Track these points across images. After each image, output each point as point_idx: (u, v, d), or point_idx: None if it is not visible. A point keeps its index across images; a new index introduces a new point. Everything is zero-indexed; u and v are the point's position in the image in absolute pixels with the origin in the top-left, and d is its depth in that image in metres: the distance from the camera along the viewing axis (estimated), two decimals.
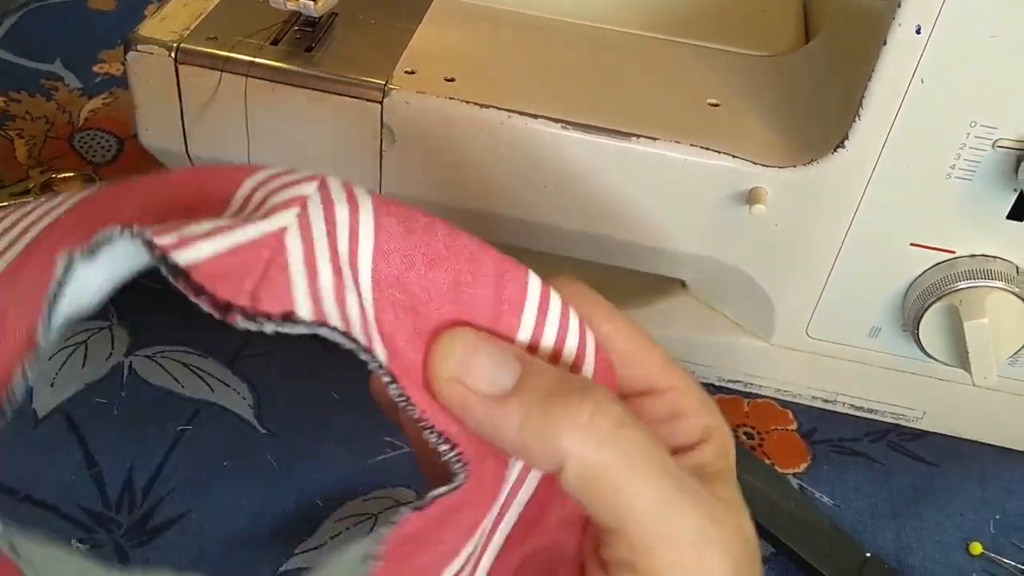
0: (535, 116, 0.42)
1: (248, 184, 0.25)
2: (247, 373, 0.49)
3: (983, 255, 0.42)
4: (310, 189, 0.25)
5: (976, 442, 0.50)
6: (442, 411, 0.26)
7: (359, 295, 0.25)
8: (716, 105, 0.45)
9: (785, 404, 0.51)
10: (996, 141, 0.39)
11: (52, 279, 0.22)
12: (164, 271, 0.22)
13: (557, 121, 0.42)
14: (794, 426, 0.50)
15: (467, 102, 0.43)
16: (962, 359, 0.42)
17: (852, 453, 0.49)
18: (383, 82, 0.43)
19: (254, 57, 0.44)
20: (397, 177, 0.45)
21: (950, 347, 0.43)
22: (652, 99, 0.45)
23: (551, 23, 0.49)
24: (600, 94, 0.45)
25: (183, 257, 0.22)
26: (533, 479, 0.29)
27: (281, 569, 0.42)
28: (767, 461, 0.48)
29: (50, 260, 0.23)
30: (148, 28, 0.45)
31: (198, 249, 0.23)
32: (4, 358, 0.24)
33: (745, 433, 0.49)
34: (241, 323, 0.23)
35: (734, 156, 0.42)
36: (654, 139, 0.42)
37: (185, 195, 0.26)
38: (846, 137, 0.40)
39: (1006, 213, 0.41)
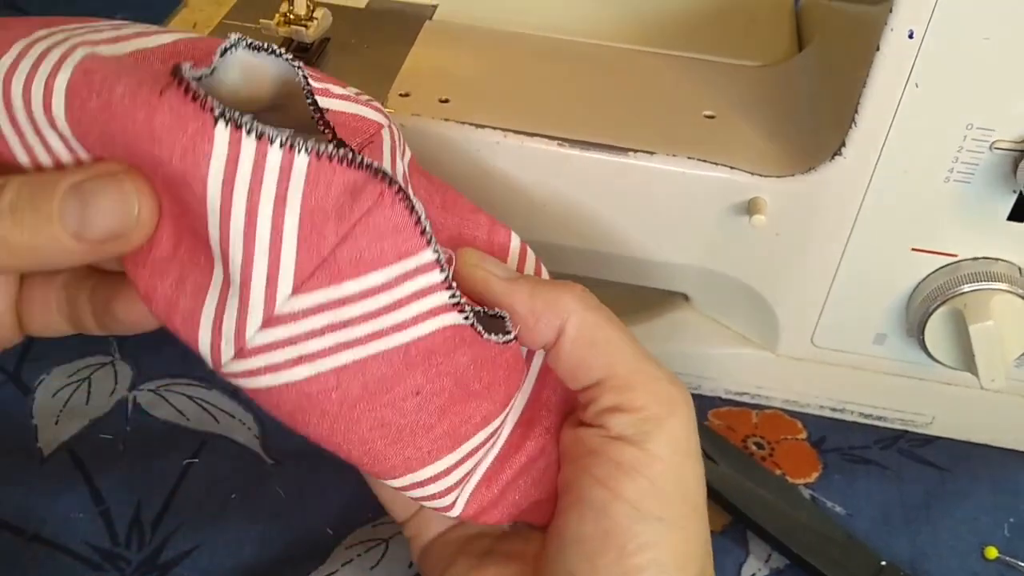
0: (531, 135, 0.42)
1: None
2: (252, 403, 0.48)
3: (985, 257, 0.42)
4: (378, 122, 0.33)
5: (986, 445, 0.50)
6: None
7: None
8: (712, 117, 0.45)
9: (793, 414, 0.51)
10: (993, 143, 0.39)
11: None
12: (307, 95, 0.29)
13: (553, 139, 0.42)
14: (804, 435, 0.50)
15: (462, 123, 0.43)
16: (969, 363, 0.42)
17: (863, 461, 0.49)
18: None
19: None
20: None
21: (956, 351, 0.43)
22: (648, 113, 0.45)
23: (543, 41, 0.49)
24: (595, 110, 0.45)
25: (321, 102, 0.30)
26: (530, 381, 0.36)
27: None
28: (778, 472, 0.47)
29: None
30: None
31: (331, 102, 0.31)
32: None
33: (755, 443, 0.49)
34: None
35: (732, 167, 0.42)
36: (651, 153, 0.42)
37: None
38: (843, 144, 0.40)
39: (1006, 215, 0.41)
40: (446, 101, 0.44)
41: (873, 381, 0.48)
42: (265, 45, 0.28)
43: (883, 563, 0.43)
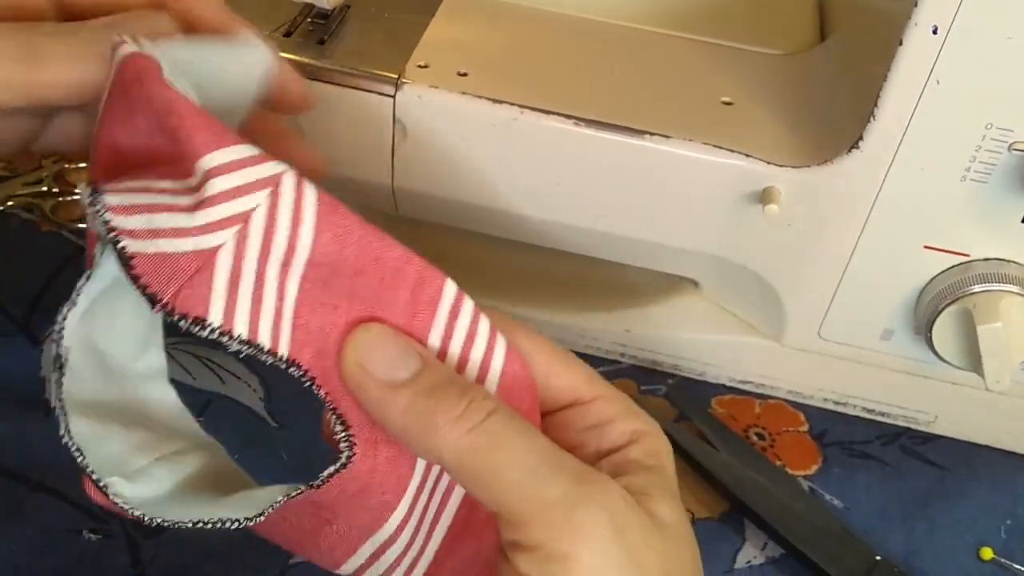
0: (548, 112, 0.42)
1: (207, 162, 0.27)
2: (258, 365, 0.49)
3: (997, 259, 0.42)
4: (258, 199, 0.28)
5: (988, 447, 0.50)
6: (345, 397, 0.30)
7: (280, 299, 0.28)
8: (730, 104, 0.44)
9: (796, 405, 0.51)
10: (1012, 144, 0.38)
11: None
12: (114, 250, 0.27)
13: (570, 118, 0.42)
14: (805, 428, 0.50)
15: (480, 97, 0.43)
16: (975, 363, 0.42)
17: (863, 456, 0.49)
18: (396, 76, 0.43)
19: None
20: (409, 171, 0.45)
21: (963, 351, 0.43)
22: (665, 97, 0.44)
23: (565, 19, 0.49)
24: (613, 91, 0.44)
25: (133, 246, 0.27)
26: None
27: (292, 562, 0.42)
28: (778, 463, 0.47)
29: None
30: None
31: (145, 244, 0.27)
32: None
33: (756, 434, 0.49)
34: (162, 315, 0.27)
35: (747, 155, 0.42)
36: (667, 137, 0.42)
37: (159, 146, 0.29)
38: (861, 138, 0.40)
39: (1021, 217, 0.40)
40: (464, 74, 0.44)
41: (878, 376, 0.48)
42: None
43: (878, 558, 0.43)
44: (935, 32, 0.37)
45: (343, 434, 0.30)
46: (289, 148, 0.36)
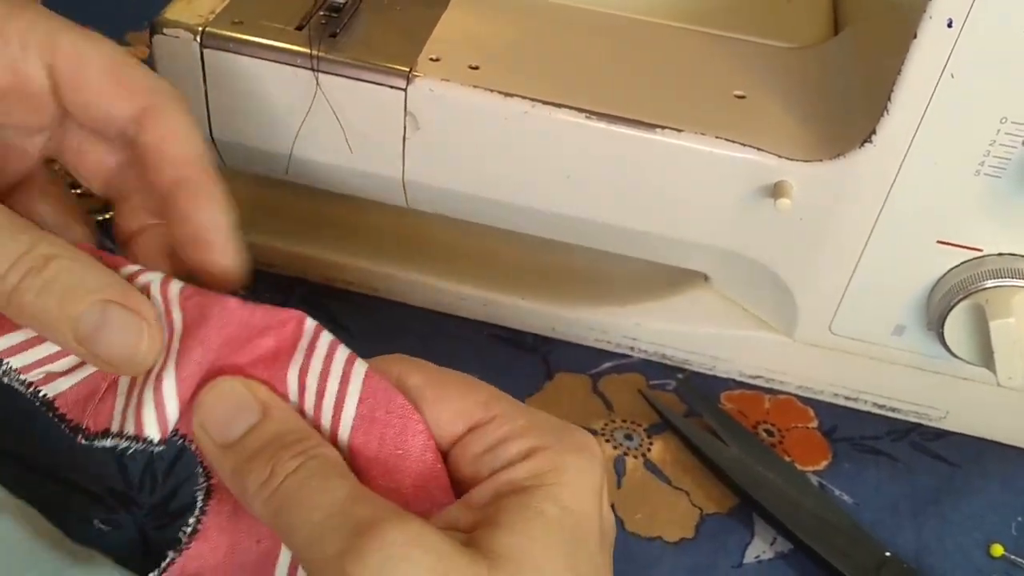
0: (559, 105, 0.42)
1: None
2: None
3: (1011, 254, 0.42)
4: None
5: (999, 443, 0.50)
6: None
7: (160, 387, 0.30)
8: (742, 97, 0.44)
9: (806, 401, 0.51)
10: None
11: None
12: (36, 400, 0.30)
13: (581, 111, 0.42)
14: (815, 424, 0.50)
15: (491, 90, 0.42)
16: (987, 359, 0.42)
17: (873, 452, 0.49)
18: (407, 69, 0.43)
19: (279, 42, 0.44)
20: (419, 164, 0.45)
21: (975, 346, 0.43)
22: (677, 90, 0.44)
23: (577, 12, 0.49)
24: (625, 84, 0.44)
25: (51, 389, 0.30)
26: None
27: None
28: (787, 458, 0.47)
29: None
30: (174, 11, 0.45)
31: (57, 385, 0.30)
32: None
33: (765, 430, 0.49)
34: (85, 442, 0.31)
35: (760, 149, 0.41)
36: (679, 131, 0.42)
37: None
38: (874, 132, 0.40)
39: None
40: (476, 68, 0.44)
41: (889, 372, 0.48)
42: None
43: (887, 554, 0.43)
44: (950, 25, 0.36)
45: (204, 484, 0.31)
46: (208, 259, 0.34)
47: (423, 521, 0.27)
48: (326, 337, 0.31)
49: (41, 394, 0.31)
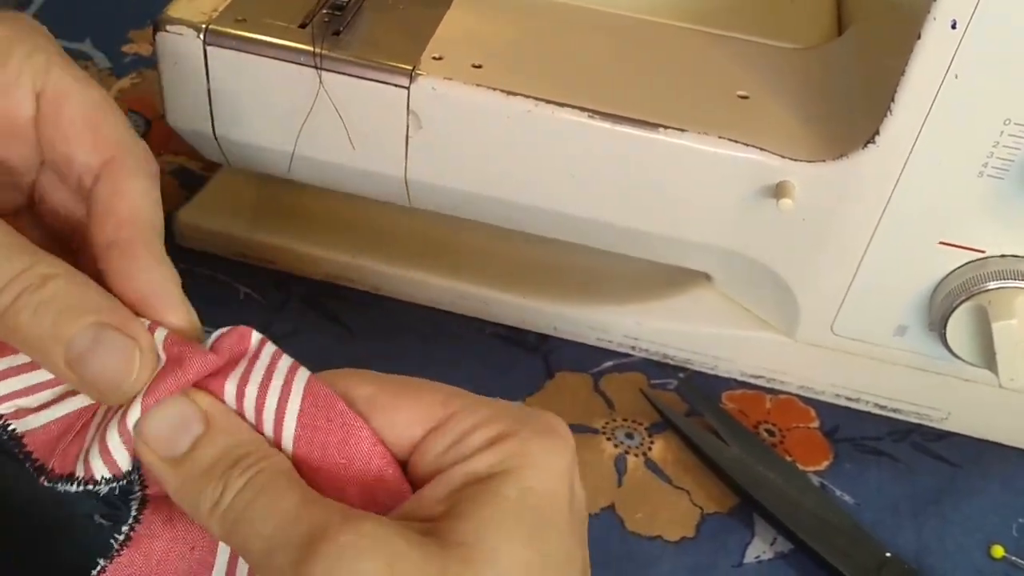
0: (562, 105, 0.42)
1: None
2: None
3: (1013, 255, 0.42)
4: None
5: (1000, 444, 0.50)
6: None
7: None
8: (745, 97, 0.44)
9: (808, 401, 0.51)
10: None
11: None
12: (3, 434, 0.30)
13: (584, 110, 0.42)
14: (816, 424, 0.50)
15: (494, 89, 0.42)
16: (989, 360, 0.42)
17: (874, 452, 0.49)
18: (410, 67, 0.43)
19: (282, 40, 0.44)
20: (422, 163, 0.45)
21: (977, 348, 0.43)
22: (681, 90, 0.44)
23: (580, 11, 0.49)
24: (628, 84, 0.44)
25: (22, 425, 0.30)
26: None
27: None
28: (788, 458, 0.47)
29: None
30: (177, 9, 0.45)
31: (27, 422, 0.30)
32: None
33: (767, 430, 0.49)
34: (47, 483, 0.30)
35: (762, 149, 0.41)
36: (682, 130, 0.42)
37: None
38: (877, 132, 0.40)
39: None
40: (479, 66, 0.44)
41: (891, 373, 0.48)
42: None
43: (888, 555, 0.43)
44: (954, 26, 0.36)
45: (139, 493, 0.31)
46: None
47: (377, 518, 0.26)
48: (269, 348, 0.30)
49: (11, 428, 0.30)
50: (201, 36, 0.44)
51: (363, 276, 0.52)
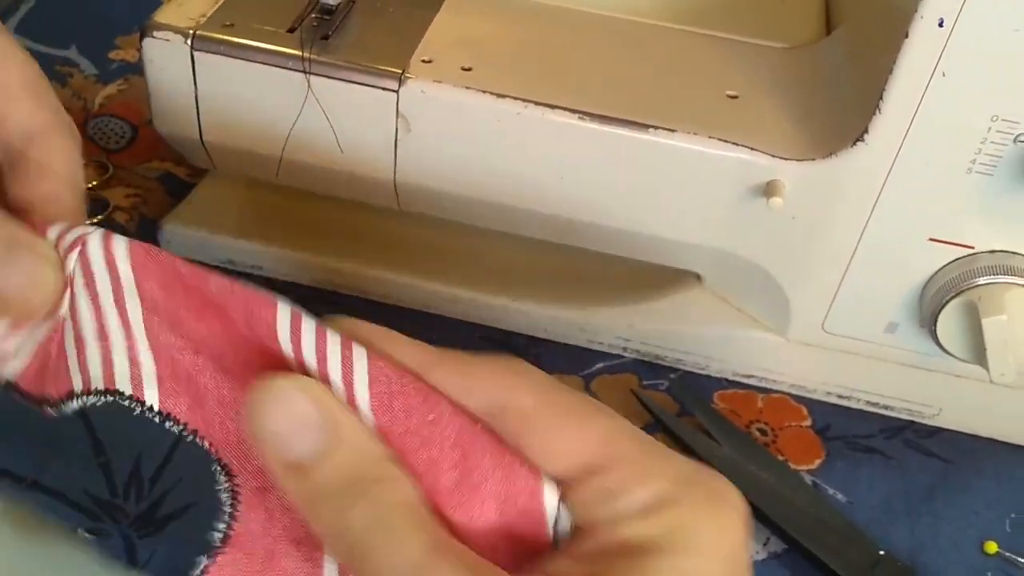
0: (552, 107, 0.42)
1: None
2: None
3: (1002, 251, 0.42)
4: (71, 263, 0.29)
5: (992, 440, 0.50)
6: (230, 447, 0.29)
7: (132, 348, 0.29)
8: (735, 97, 0.44)
9: (800, 400, 0.51)
10: (1018, 136, 0.38)
11: None
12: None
13: (574, 112, 0.42)
14: (808, 422, 0.50)
15: (484, 92, 0.42)
16: (980, 356, 0.42)
17: (866, 450, 0.49)
18: (399, 71, 0.43)
19: (270, 44, 0.43)
20: (412, 166, 0.45)
21: (968, 344, 0.43)
22: (670, 90, 0.44)
23: (569, 13, 0.49)
24: (617, 85, 0.44)
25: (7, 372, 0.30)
26: None
27: None
28: (780, 457, 0.47)
29: None
30: (164, 15, 0.45)
31: (12, 367, 0.30)
32: None
33: (759, 429, 0.49)
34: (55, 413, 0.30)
35: (752, 149, 0.42)
36: (672, 131, 0.42)
37: None
38: (866, 131, 0.40)
39: None
40: (468, 69, 0.44)
41: (882, 370, 0.48)
42: None
43: (882, 552, 0.43)
44: (941, 25, 0.37)
45: (226, 485, 0.29)
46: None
47: None
48: (308, 329, 0.28)
49: (3, 380, 0.30)
50: (188, 42, 0.44)
51: (352, 281, 0.52)
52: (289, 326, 0.27)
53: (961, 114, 0.38)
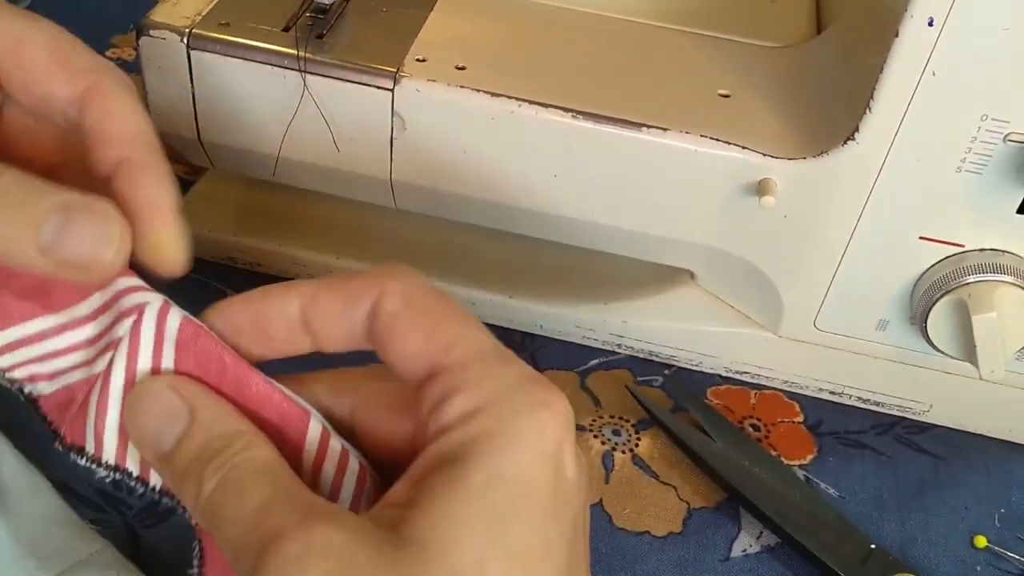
0: (545, 105, 0.42)
1: (96, 298, 0.30)
2: None
3: (992, 249, 0.42)
4: (125, 327, 0.29)
5: (982, 436, 0.50)
6: None
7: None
8: (727, 96, 0.45)
9: (792, 396, 0.51)
10: (1007, 135, 0.39)
11: None
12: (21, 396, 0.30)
13: (567, 110, 0.42)
14: (800, 418, 0.50)
15: (478, 90, 0.43)
16: (970, 353, 0.42)
17: (858, 445, 0.49)
18: (394, 70, 0.43)
19: (266, 43, 0.44)
20: (407, 165, 0.45)
21: (958, 341, 0.43)
22: (662, 89, 0.45)
23: (562, 12, 0.49)
24: (611, 84, 0.45)
25: (35, 389, 0.30)
26: None
27: None
28: (773, 453, 0.48)
29: None
30: (160, 13, 0.45)
31: (40, 388, 0.30)
32: None
33: (752, 425, 0.49)
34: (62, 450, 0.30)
35: (744, 147, 0.42)
36: (664, 129, 0.42)
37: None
38: (857, 129, 0.40)
39: (1016, 207, 0.41)
40: (463, 68, 0.44)
41: (873, 367, 0.48)
42: None
43: (873, 546, 0.43)
44: (931, 24, 0.37)
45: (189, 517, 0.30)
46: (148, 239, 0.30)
47: (335, 519, 0.25)
48: (335, 446, 0.29)
49: (26, 391, 0.30)
50: (184, 40, 0.44)
51: None
52: (316, 447, 0.29)
53: (951, 113, 0.39)
